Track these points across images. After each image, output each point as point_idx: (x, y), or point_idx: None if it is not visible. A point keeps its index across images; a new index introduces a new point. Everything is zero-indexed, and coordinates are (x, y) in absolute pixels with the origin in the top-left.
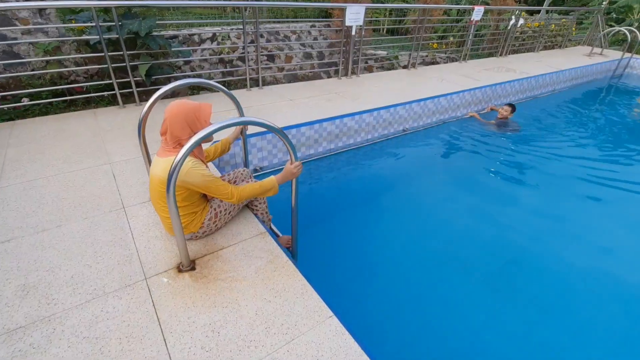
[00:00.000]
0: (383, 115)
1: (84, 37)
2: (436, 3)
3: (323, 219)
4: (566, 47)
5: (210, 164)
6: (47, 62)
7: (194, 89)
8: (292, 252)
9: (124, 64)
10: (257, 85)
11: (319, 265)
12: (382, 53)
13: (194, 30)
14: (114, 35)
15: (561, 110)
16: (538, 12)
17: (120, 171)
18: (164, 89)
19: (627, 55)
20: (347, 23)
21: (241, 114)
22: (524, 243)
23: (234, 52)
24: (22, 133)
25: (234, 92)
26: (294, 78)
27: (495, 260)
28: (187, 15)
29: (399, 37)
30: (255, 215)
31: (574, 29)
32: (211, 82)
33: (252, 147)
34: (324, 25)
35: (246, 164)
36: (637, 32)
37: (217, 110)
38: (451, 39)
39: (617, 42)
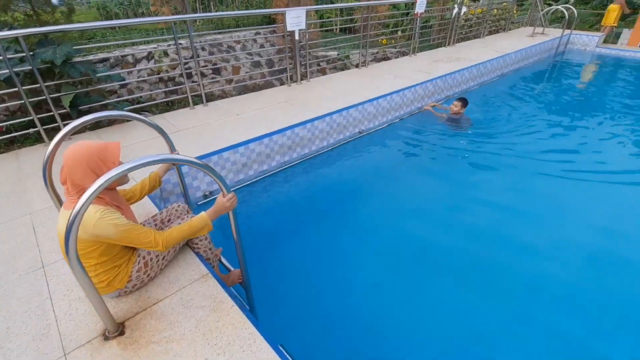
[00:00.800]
0: (336, 119)
1: None
2: None
3: (282, 239)
4: (510, 30)
5: (146, 200)
6: None
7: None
8: (244, 287)
9: (45, 97)
10: (202, 102)
11: (276, 296)
12: (333, 54)
13: (127, 51)
14: (26, 67)
15: (511, 94)
16: None
17: (42, 222)
18: (68, 127)
19: (567, 32)
20: (289, 28)
21: (168, 144)
22: (490, 235)
23: (174, 69)
24: None
25: (178, 112)
26: (245, 89)
27: (464, 258)
28: (130, 34)
29: (347, 36)
30: (197, 254)
31: (515, 11)
32: (124, 112)
33: (197, 171)
34: (268, 31)
35: (185, 197)
36: (574, 9)
37: (145, 138)
38: (399, 33)
39: (557, 19)
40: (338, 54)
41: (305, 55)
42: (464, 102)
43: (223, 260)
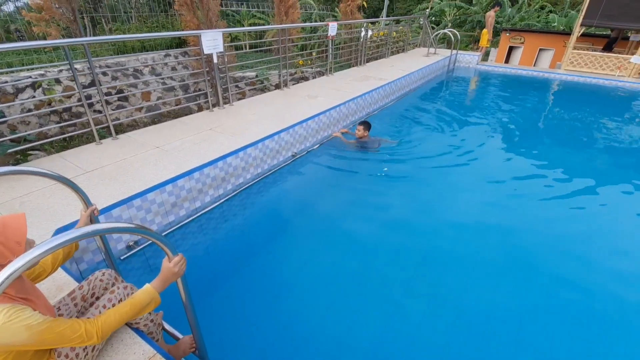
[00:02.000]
0: (269, 145)
1: None
2: (293, 21)
3: (227, 281)
4: (408, 50)
5: (58, 272)
6: None
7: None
8: (199, 356)
9: None
10: (111, 135)
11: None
12: (251, 74)
13: (4, 79)
14: None
15: (418, 108)
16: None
17: None
18: None
19: (454, 51)
20: (206, 51)
21: (83, 197)
22: (424, 244)
23: (69, 98)
24: None
25: (82, 150)
26: (160, 116)
27: (407, 269)
28: (4, 58)
29: (266, 58)
30: (136, 329)
31: (410, 34)
32: (16, 167)
33: (116, 219)
34: (180, 53)
35: (107, 255)
36: (456, 32)
37: (43, 185)
38: (314, 54)
39: (441, 40)
40: (257, 75)
41: (227, 78)
42: (365, 125)
43: (167, 326)
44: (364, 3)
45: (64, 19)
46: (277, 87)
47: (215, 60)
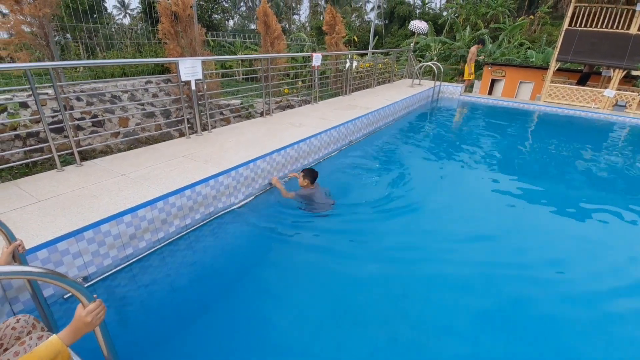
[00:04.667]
0: (243, 173)
1: None
2: (278, 51)
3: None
4: (393, 81)
5: None
6: None
7: None
8: None
9: None
10: (75, 162)
11: None
12: (236, 102)
13: None
14: None
15: (402, 137)
16: (366, 54)
17: None
18: None
19: (438, 83)
20: (184, 78)
21: (5, 233)
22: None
23: (37, 123)
24: None
25: (40, 177)
26: (138, 142)
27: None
28: None
29: (250, 85)
30: None
31: (396, 66)
32: None
33: (62, 254)
34: (162, 80)
35: (39, 303)
36: (439, 65)
37: None
38: (300, 83)
39: (427, 72)
40: (241, 103)
41: (205, 105)
42: (307, 173)
43: None
44: (355, 37)
45: (36, 44)
46: (262, 115)
47: (193, 87)
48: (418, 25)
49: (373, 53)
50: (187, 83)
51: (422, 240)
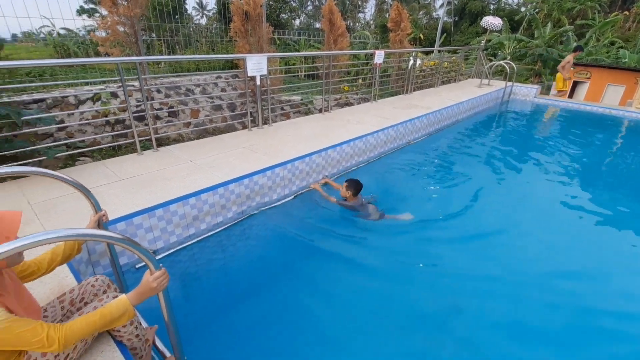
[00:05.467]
0: (298, 166)
1: None
2: (341, 48)
3: (239, 303)
4: (459, 80)
5: (64, 268)
6: None
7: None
8: None
9: None
10: (152, 147)
11: None
12: (297, 98)
13: (69, 91)
14: None
15: (465, 140)
16: (432, 52)
17: None
18: None
19: (509, 83)
20: (250, 73)
21: (93, 203)
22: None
23: (124, 111)
24: None
25: (124, 159)
26: (205, 132)
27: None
28: (85, 73)
29: (310, 82)
30: (119, 343)
31: (463, 64)
32: (35, 169)
33: (136, 227)
34: (230, 76)
35: (114, 265)
36: (512, 64)
37: (67, 192)
38: (360, 81)
39: (499, 72)
40: (302, 99)
41: (267, 100)
42: (351, 184)
43: (157, 342)
44: (421, 35)
45: (126, 41)
46: (320, 111)
47: (258, 83)
48: (491, 21)
49: (439, 51)
50: (253, 78)
51: (484, 267)
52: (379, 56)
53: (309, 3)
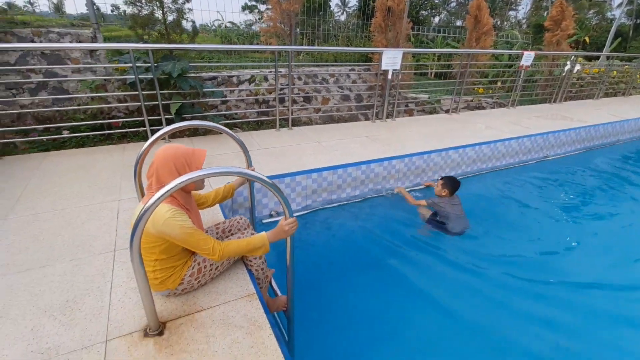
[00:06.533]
0: (415, 162)
1: (123, 76)
2: (483, 47)
3: (337, 276)
4: (630, 95)
5: (215, 207)
6: (92, 98)
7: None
8: (287, 316)
9: (157, 103)
10: (287, 126)
11: (317, 335)
12: (424, 97)
13: (234, 72)
14: (149, 76)
15: (623, 168)
16: (597, 57)
17: (125, 209)
18: (162, 131)
19: None
20: (383, 67)
21: (247, 160)
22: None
23: (270, 93)
24: (51, 165)
25: (265, 132)
26: (330, 119)
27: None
28: (240, 59)
29: (441, 81)
30: (249, 271)
31: (638, 76)
32: (215, 124)
33: (267, 189)
34: (363, 68)
35: (252, 212)
36: None
37: (229, 152)
38: (498, 83)
39: None
40: (429, 97)
41: (395, 95)
42: (448, 182)
43: (273, 283)
44: (586, 38)
45: (283, 33)
46: (447, 112)
47: (389, 77)
48: None
49: (608, 57)
50: (384, 73)
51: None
52: (527, 58)
53: (452, 0)
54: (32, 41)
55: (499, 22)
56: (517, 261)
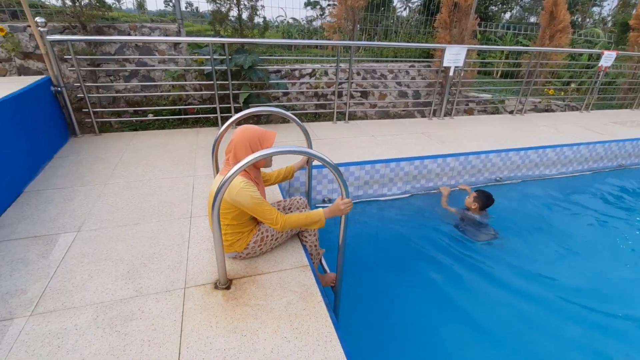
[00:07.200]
0: (472, 161)
1: (200, 67)
2: (557, 46)
3: (383, 263)
4: None
5: (275, 187)
6: (173, 86)
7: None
8: (334, 292)
9: (228, 92)
10: (344, 119)
11: (359, 312)
12: (487, 96)
13: (297, 66)
14: (224, 67)
15: None
16: None
17: (199, 183)
18: (238, 115)
19: None
20: (445, 64)
21: (309, 145)
22: None
23: (329, 87)
24: (139, 142)
25: (322, 124)
26: (385, 115)
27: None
28: (302, 54)
29: (507, 80)
30: (304, 246)
31: None
32: (283, 111)
33: (323, 177)
34: (423, 65)
35: (308, 194)
36: None
37: (290, 139)
38: (572, 85)
39: None
40: (492, 97)
41: (455, 93)
42: (480, 197)
43: (323, 261)
44: None
45: (345, 29)
46: (511, 113)
47: (451, 74)
48: None
49: None
50: (446, 70)
51: None
52: (608, 58)
53: None
54: (129, 34)
55: (579, 19)
56: (568, 284)
